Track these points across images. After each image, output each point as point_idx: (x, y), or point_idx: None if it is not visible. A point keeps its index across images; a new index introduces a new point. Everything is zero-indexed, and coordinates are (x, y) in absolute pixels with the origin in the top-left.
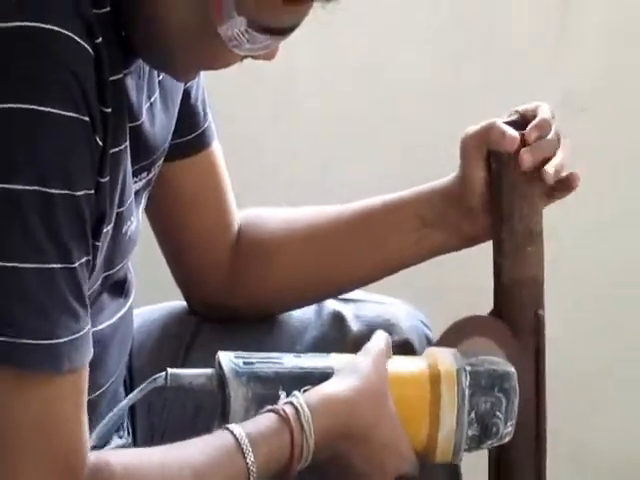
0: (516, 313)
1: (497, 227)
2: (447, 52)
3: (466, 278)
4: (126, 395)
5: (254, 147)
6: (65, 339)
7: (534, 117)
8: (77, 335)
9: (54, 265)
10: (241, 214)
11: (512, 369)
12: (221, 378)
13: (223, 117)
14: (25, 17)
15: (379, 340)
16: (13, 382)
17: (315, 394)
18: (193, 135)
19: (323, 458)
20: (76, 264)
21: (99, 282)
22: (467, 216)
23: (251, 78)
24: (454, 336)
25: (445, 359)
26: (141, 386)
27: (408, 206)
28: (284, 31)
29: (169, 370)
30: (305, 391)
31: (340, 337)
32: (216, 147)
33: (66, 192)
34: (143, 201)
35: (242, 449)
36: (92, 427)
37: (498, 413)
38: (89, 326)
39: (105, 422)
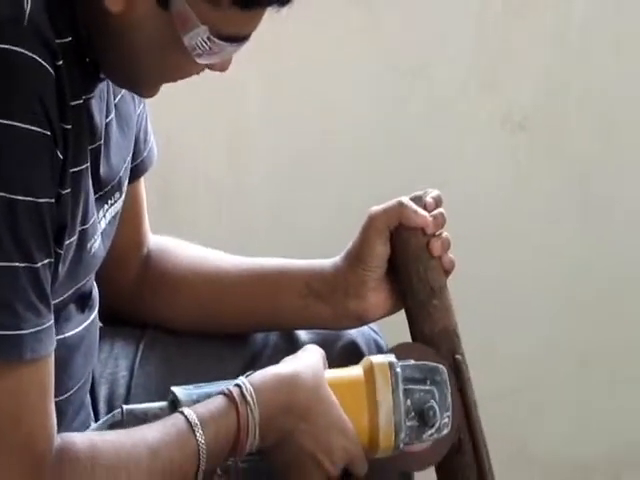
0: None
1: (402, 292)
2: (396, 77)
3: None
4: (93, 403)
5: (211, 178)
6: (27, 331)
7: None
8: (39, 328)
9: (17, 264)
10: (154, 239)
11: (441, 365)
12: (174, 404)
13: (178, 156)
14: None
15: (316, 347)
16: None
17: (259, 374)
18: (133, 164)
19: (271, 439)
20: (38, 264)
21: (69, 293)
22: (354, 295)
23: (207, 114)
24: None
25: (378, 357)
26: (100, 421)
27: (299, 273)
28: (242, 38)
29: (124, 407)
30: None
31: (290, 347)
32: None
33: (29, 199)
34: (116, 222)
35: (192, 427)
36: (59, 431)
37: (432, 401)
38: (52, 322)
39: None
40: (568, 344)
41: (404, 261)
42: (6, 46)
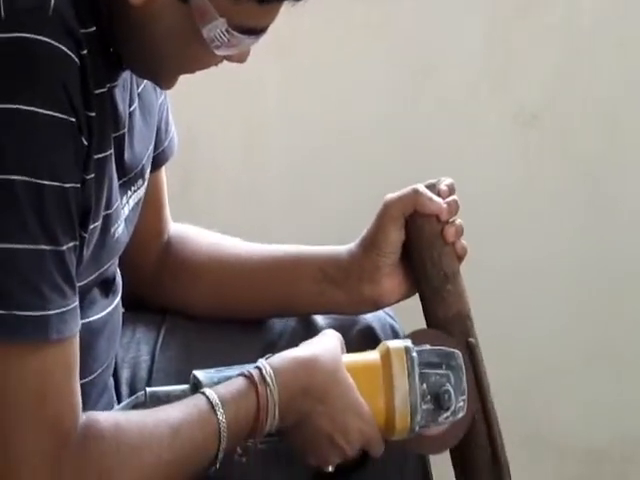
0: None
1: (417, 278)
2: (408, 75)
3: None
4: (116, 386)
5: (230, 169)
6: (53, 312)
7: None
8: (64, 309)
9: (44, 247)
10: (174, 226)
11: (457, 350)
12: (196, 387)
13: (198, 146)
14: (21, 29)
15: (334, 332)
16: (4, 351)
17: (278, 356)
18: (155, 153)
19: (289, 420)
20: (64, 247)
21: (93, 277)
22: (368, 280)
23: (227, 107)
24: None
25: (394, 342)
26: (124, 402)
27: (314, 259)
28: (259, 31)
29: (147, 389)
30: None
31: (308, 332)
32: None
33: (55, 184)
34: (139, 209)
35: (213, 407)
36: (84, 412)
37: (448, 385)
38: (76, 303)
39: None
40: (580, 334)
41: (418, 247)
42: (31, 35)
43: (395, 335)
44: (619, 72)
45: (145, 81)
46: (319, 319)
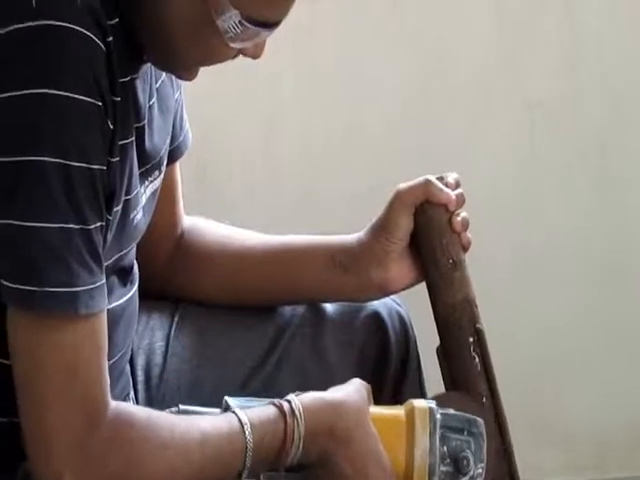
0: (457, 332)
1: (425, 264)
2: (419, 70)
3: None
4: (132, 371)
5: (245, 164)
6: (81, 288)
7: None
8: (92, 286)
9: (73, 225)
10: (187, 220)
11: (480, 419)
12: (227, 411)
13: (215, 141)
14: (51, 17)
15: (363, 382)
16: (36, 326)
17: (307, 395)
18: (170, 147)
19: (313, 456)
20: (91, 227)
21: (112, 261)
22: (377, 265)
23: (243, 102)
24: None
25: (420, 401)
26: None
27: (324, 247)
28: (272, 24)
29: (180, 406)
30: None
31: (316, 317)
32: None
33: (83, 165)
34: (155, 199)
35: (242, 425)
36: None
37: (468, 451)
38: (103, 281)
39: None
40: (587, 321)
41: (428, 234)
42: (61, 23)
43: (401, 321)
44: (626, 57)
45: (162, 77)
46: (327, 306)
